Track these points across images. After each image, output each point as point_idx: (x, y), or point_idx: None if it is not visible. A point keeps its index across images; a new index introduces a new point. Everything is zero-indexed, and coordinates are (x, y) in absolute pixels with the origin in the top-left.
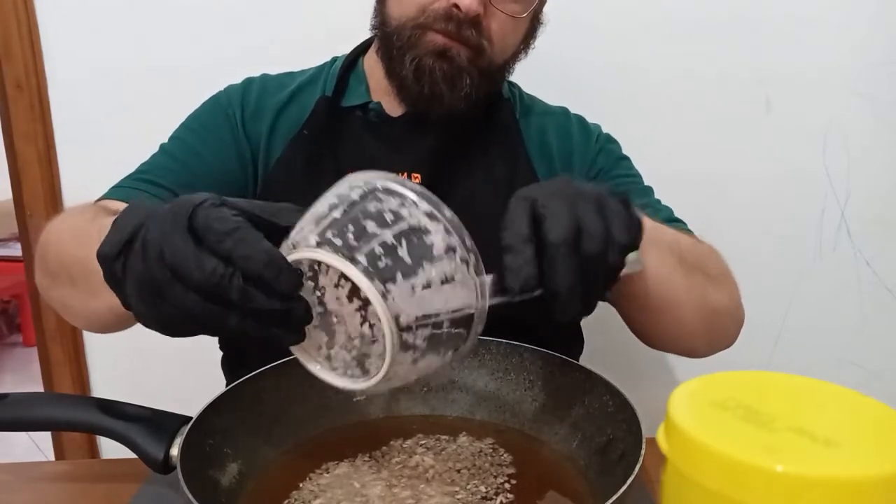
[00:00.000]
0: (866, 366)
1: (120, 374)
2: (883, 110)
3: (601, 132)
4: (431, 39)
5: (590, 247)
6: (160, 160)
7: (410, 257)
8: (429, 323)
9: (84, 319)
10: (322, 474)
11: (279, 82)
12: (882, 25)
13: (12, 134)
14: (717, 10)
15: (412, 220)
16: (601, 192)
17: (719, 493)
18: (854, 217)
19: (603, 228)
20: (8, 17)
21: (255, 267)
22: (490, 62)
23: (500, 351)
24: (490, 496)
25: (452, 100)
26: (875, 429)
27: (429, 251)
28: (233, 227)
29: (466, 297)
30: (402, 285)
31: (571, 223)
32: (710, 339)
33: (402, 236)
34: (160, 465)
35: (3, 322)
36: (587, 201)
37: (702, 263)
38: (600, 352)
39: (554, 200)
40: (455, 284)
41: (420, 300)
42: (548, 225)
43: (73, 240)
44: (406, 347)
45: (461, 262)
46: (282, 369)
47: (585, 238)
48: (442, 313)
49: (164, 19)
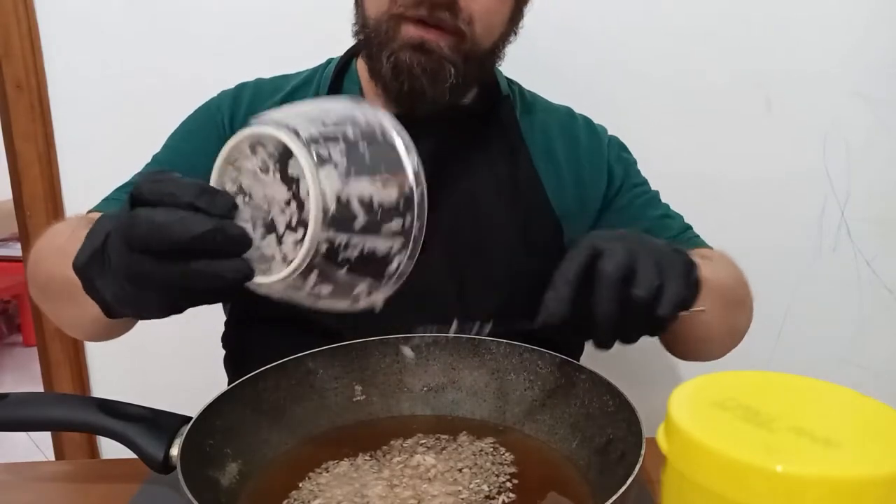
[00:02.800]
0: (866, 366)
1: (120, 374)
2: (883, 110)
3: (611, 137)
4: (406, 32)
5: (638, 292)
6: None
7: (323, 110)
8: (335, 137)
9: (78, 329)
10: (322, 474)
11: (274, 86)
12: (882, 25)
13: (12, 134)
14: (717, 11)
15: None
16: (665, 247)
17: (719, 493)
18: (854, 217)
19: (654, 277)
20: (8, 17)
21: (188, 198)
22: (474, 46)
23: (500, 351)
24: (493, 495)
25: (436, 94)
26: (875, 429)
27: (349, 118)
28: (159, 178)
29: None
30: (292, 117)
31: (626, 261)
32: (728, 349)
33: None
34: (160, 465)
35: (3, 322)
36: (648, 252)
37: (736, 296)
38: (600, 352)
39: (616, 243)
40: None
41: (312, 117)
42: (603, 260)
43: (56, 256)
44: (321, 161)
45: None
46: (282, 369)
47: (636, 282)
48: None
49: (164, 19)
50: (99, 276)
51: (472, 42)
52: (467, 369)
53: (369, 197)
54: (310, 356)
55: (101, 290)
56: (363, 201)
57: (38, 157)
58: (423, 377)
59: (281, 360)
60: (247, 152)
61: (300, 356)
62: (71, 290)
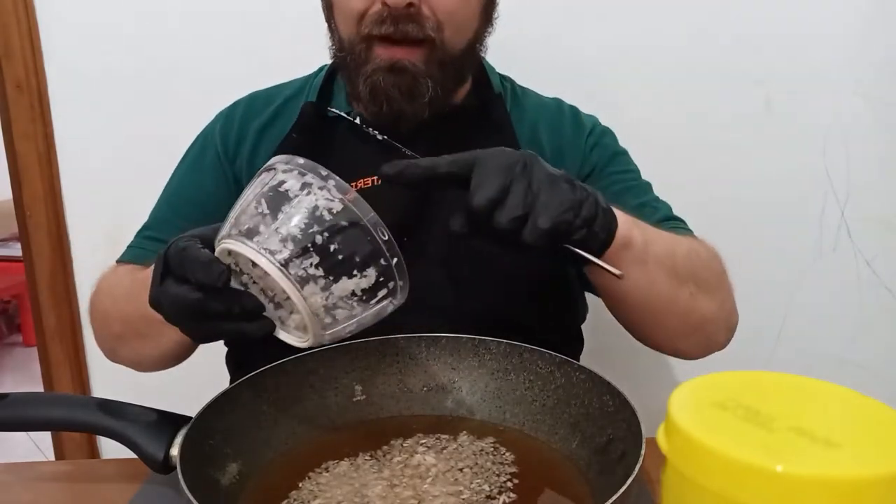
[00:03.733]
0: (866, 366)
1: (120, 374)
2: (883, 110)
3: (596, 125)
4: (378, 54)
5: (500, 219)
6: (160, 213)
7: (270, 208)
8: (307, 249)
9: (158, 360)
10: (322, 473)
11: (267, 99)
12: (882, 25)
13: (12, 134)
14: (717, 10)
15: (272, 182)
16: (560, 180)
17: (719, 493)
18: (854, 217)
19: (521, 206)
20: (8, 17)
21: (198, 274)
22: (447, 51)
23: (500, 351)
24: (493, 495)
25: (415, 110)
26: (875, 429)
27: (284, 196)
28: (181, 256)
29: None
30: (267, 231)
31: (496, 195)
32: (698, 345)
33: (262, 197)
34: (160, 465)
35: (3, 322)
36: (525, 177)
37: (694, 274)
38: (600, 352)
39: (493, 176)
40: (315, 208)
41: (283, 235)
42: (475, 194)
43: (129, 301)
44: (301, 281)
45: (319, 189)
46: (282, 369)
47: (501, 209)
48: (312, 232)
49: (164, 19)
50: None
51: (444, 48)
52: (467, 369)
53: (352, 292)
54: (310, 356)
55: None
56: (348, 298)
57: (38, 157)
58: (423, 377)
59: (281, 359)
60: (238, 253)
61: (300, 356)
62: (149, 325)
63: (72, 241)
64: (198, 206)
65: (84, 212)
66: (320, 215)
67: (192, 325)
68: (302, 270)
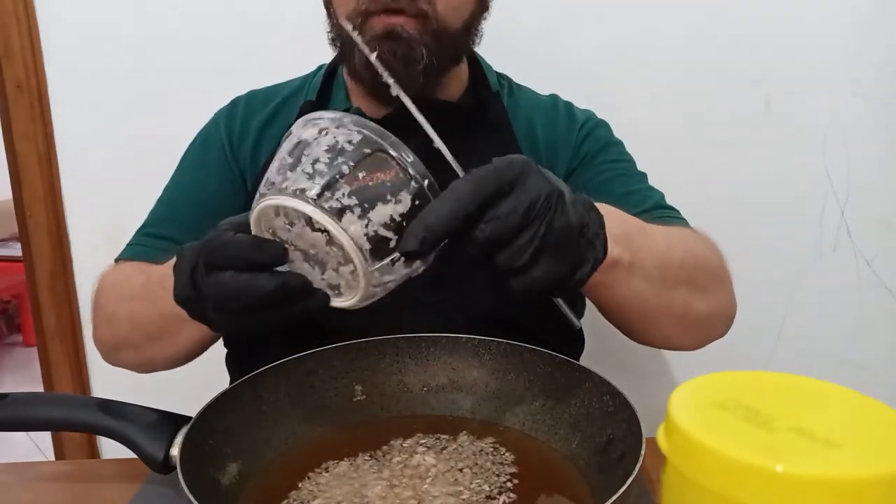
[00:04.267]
0: (866, 366)
1: (120, 374)
2: (883, 110)
3: (591, 118)
4: (371, 26)
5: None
6: (161, 211)
7: (292, 159)
8: (336, 180)
9: (168, 362)
10: (322, 474)
11: (266, 97)
12: (882, 25)
13: (12, 134)
14: (717, 10)
15: (292, 141)
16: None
17: (719, 493)
18: (854, 217)
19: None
20: (8, 17)
21: (247, 255)
22: (441, 25)
23: (500, 351)
24: (493, 495)
25: (410, 77)
26: (875, 429)
27: (304, 144)
28: (217, 244)
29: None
30: (293, 176)
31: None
32: (696, 340)
33: (284, 154)
34: (160, 465)
35: (3, 322)
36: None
37: (688, 278)
38: (600, 352)
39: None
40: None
41: (309, 172)
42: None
43: (138, 302)
44: (338, 213)
45: (336, 128)
46: (282, 369)
47: (503, 255)
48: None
49: (164, 19)
50: (197, 306)
51: (438, 21)
52: (467, 369)
53: (390, 217)
54: (310, 356)
55: (206, 315)
56: (388, 224)
57: (38, 157)
58: (423, 377)
59: (281, 359)
60: (271, 215)
61: (300, 356)
62: (165, 325)
63: (72, 241)
64: (199, 204)
65: (84, 212)
66: (341, 148)
67: (242, 316)
68: (335, 202)
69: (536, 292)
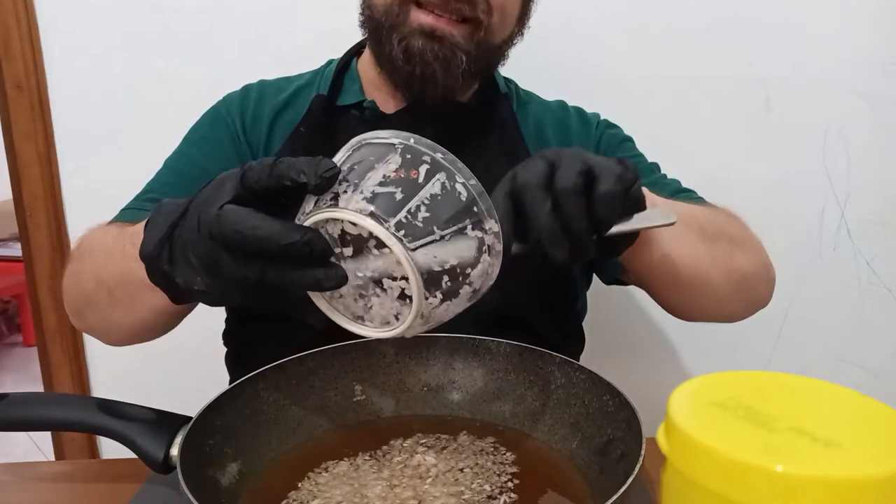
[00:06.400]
0: (866, 366)
1: (120, 374)
2: (883, 110)
3: (600, 119)
4: (416, 18)
5: (563, 182)
6: (165, 177)
7: (419, 199)
8: (429, 241)
9: (126, 331)
10: (322, 474)
11: (277, 87)
12: (882, 25)
13: (12, 134)
14: (717, 11)
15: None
16: (596, 156)
17: (719, 493)
18: (854, 217)
19: (576, 174)
20: (8, 17)
21: (305, 169)
22: (488, 36)
23: (500, 351)
24: (494, 495)
25: (447, 80)
26: (875, 429)
27: (408, 180)
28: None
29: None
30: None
31: (545, 169)
32: (744, 303)
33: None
34: (160, 465)
35: (3, 322)
36: (569, 155)
37: (723, 230)
38: (600, 352)
39: (533, 159)
40: (438, 202)
41: (411, 220)
42: (522, 173)
43: (106, 258)
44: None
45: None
46: (282, 369)
47: (558, 175)
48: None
49: (164, 20)
50: (168, 262)
51: (487, 31)
52: (467, 369)
53: (448, 263)
54: (310, 356)
55: (170, 276)
56: (445, 268)
57: (38, 157)
58: (423, 377)
59: (281, 359)
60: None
61: (300, 356)
62: (126, 286)
63: (72, 241)
64: (206, 174)
65: (84, 212)
66: (451, 202)
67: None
68: (409, 233)
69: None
